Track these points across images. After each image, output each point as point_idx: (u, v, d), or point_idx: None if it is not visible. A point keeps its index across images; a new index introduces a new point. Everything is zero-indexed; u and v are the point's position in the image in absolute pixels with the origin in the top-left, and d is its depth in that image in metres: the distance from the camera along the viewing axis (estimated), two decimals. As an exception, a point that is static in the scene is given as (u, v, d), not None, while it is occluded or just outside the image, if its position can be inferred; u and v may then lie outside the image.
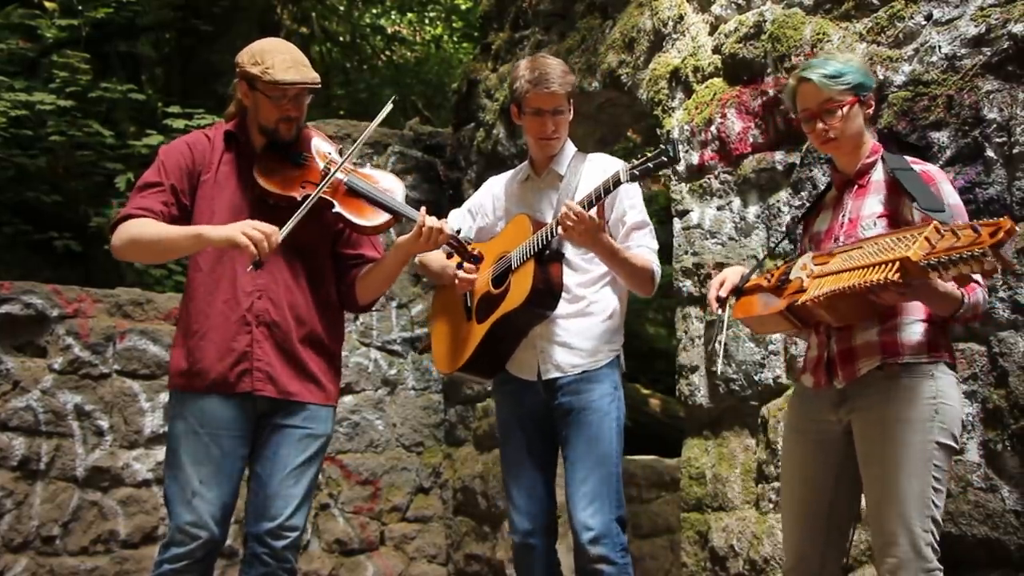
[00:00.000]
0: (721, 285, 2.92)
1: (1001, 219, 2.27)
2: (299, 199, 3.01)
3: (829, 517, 2.81)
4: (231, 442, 3.00)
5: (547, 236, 3.18)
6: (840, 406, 2.75)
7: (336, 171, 3.06)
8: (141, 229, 2.97)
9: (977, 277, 2.56)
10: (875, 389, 2.66)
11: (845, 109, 2.76)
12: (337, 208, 3.06)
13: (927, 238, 2.34)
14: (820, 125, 2.78)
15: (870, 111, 2.82)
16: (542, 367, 3.29)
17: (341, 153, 3.20)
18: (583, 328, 3.29)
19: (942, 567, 2.60)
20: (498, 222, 3.51)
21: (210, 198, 3.09)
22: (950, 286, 2.52)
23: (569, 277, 3.28)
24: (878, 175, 2.79)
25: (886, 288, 2.43)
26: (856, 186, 2.82)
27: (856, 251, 2.59)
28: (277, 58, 3.02)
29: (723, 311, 2.91)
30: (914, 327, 2.67)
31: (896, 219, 2.71)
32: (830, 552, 2.82)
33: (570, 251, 3.29)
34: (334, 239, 3.21)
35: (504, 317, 3.26)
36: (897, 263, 2.38)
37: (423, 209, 3.08)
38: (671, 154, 2.91)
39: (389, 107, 3.20)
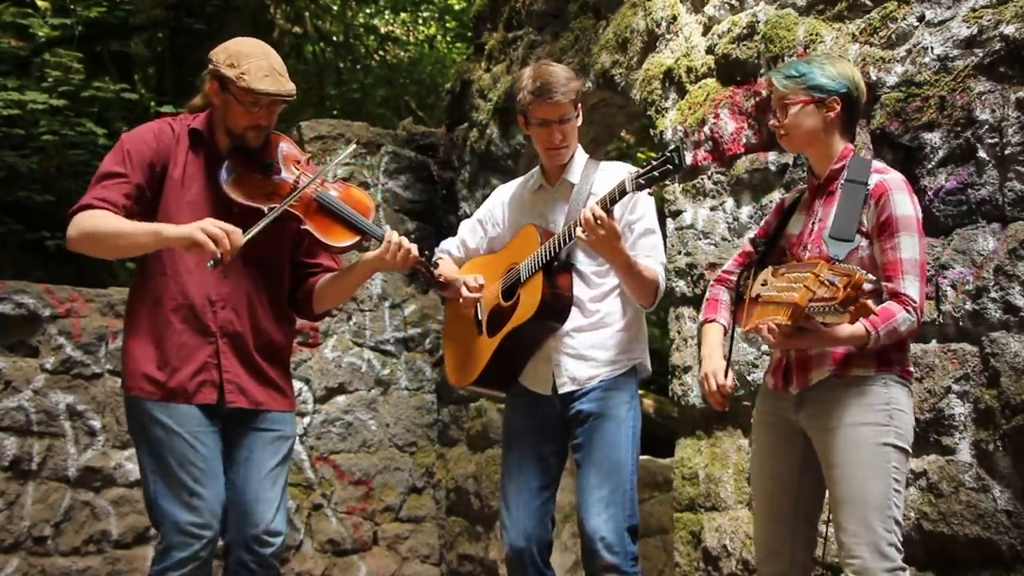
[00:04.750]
0: (716, 386, 2.88)
1: (852, 269, 2.39)
2: (267, 211, 2.94)
3: (795, 509, 2.86)
4: (212, 439, 2.94)
5: (555, 247, 3.12)
6: (799, 409, 2.81)
7: (306, 186, 2.99)
8: (98, 221, 2.85)
9: (913, 293, 2.64)
10: (829, 397, 2.73)
11: (795, 108, 2.79)
12: (306, 225, 3.01)
13: (807, 286, 2.45)
14: (772, 120, 2.85)
15: (832, 114, 2.79)
16: (558, 380, 3.23)
17: (310, 162, 3.14)
18: (599, 340, 3.22)
19: (906, 566, 2.64)
20: (509, 231, 3.43)
21: (174, 199, 2.99)
22: (851, 328, 2.59)
23: (582, 291, 3.22)
24: (840, 188, 2.80)
25: (780, 331, 2.59)
26: (826, 192, 2.85)
27: (781, 280, 2.67)
28: (254, 64, 2.91)
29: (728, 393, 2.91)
30: None
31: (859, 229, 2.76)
32: (799, 543, 2.87)
33: (583, 264, 3.23)
34: (293, 246, 3.16)
35: (514, 331, 3.20)
36: (791, 307, 2.50)
37: (389, 232, 3.03)
38: (676, 162, 2.82)
39: (352, 148, 3.28)
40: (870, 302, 2.47)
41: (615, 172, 3.30)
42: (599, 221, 2.89)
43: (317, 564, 5.84)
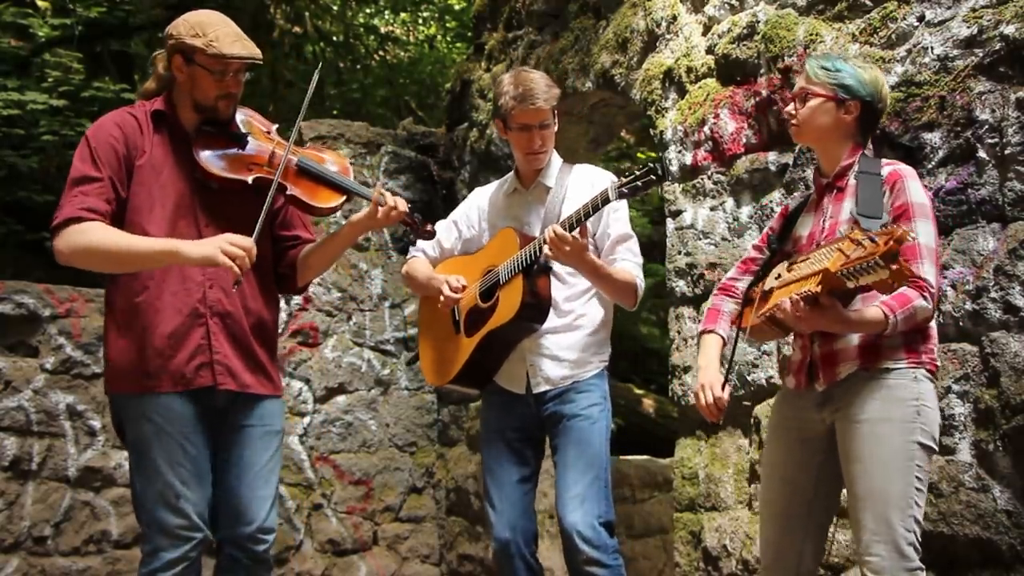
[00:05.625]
0: (713, 398, 2.83)
1: (894, 228, 2.33)
2: (250, 182, 2.91)
3: (808, 515, 2.82)
4: (200, 439, 2.89)
5: (535, 251, 3.20)
6: (824, 406, 2.76)
7: (288, 153, 2.94)
8: (100, 237, 2.77)
9: (930, 278, 2.59)
10: (858, 389, 2.67)
11: (814, 102, 2.78)
12: (291, 190, 2.96)
13: (841, 250, 2.41)
14: (789, 108, 2.84)
15: (848, 117, 2.78)
16: (532, 381, 3.34)
17: (279, 131, 3.10)
18: (572, 341, 3.35)
19: (924, 566, 2.61)
20: (484, 233, 3.53)
21: (148, 184, 2.91)
22: (868, 312, 2.57)
23: (557, 291, 3.33)
24: (854, 179, 2.78)
25: (805, 303, 2.51)
26: (835, 189, 2.83)
27: (804, 262, 2.65)
28: (220, 31, 2.86)
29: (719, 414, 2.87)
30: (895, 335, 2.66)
31: None
32: (808, 549, 2.83)
33: (557, 265, 3.32)
34: (271, 221, 3.10)
35: (493, 331, 3.30)
36: (820, 274, 2.46)
37: (378, 185, 3.05)
38: (659, 172, 2.96)
39: (316, 78, 3.09)
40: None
41: (588, 175, 3.44)
42: (561, 238, 3.05)
43: (317, 564, 5.85)
